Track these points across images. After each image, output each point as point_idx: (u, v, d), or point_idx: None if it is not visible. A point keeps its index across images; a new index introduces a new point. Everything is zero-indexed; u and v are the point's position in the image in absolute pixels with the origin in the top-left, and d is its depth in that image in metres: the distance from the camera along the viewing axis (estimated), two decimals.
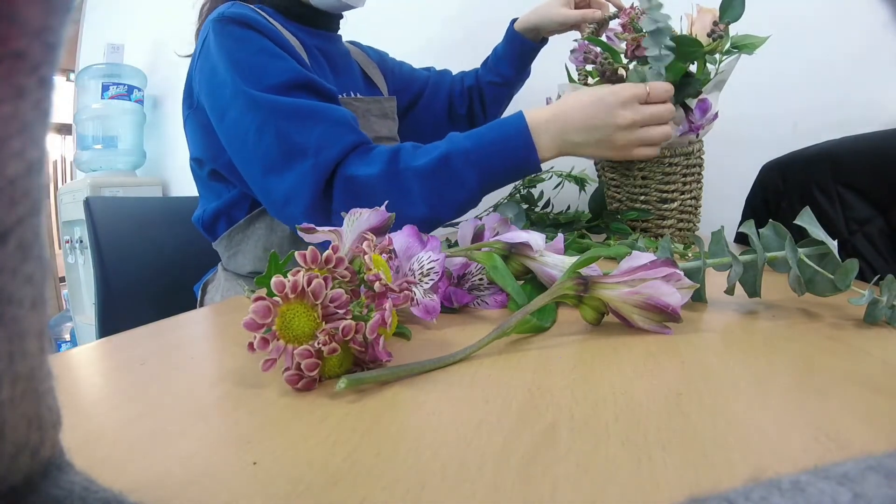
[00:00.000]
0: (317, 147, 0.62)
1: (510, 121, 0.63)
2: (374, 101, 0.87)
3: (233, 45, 0.67)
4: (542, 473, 0.17)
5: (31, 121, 0.10)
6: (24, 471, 0.12)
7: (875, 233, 0.71)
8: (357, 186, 0.62)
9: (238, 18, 0.68)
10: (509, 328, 0.30)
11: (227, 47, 0.67)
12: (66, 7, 0.10)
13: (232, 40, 0.67)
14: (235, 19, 0.68)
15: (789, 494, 0.10)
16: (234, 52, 0.66)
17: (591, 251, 0.34)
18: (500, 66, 1.03)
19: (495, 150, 0.61)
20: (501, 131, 0.62)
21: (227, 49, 0.67)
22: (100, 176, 1.67)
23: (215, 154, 0.76)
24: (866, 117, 0.94)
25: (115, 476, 0.17)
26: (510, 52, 1.01)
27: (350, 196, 0.62)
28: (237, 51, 0.66)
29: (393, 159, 0.62)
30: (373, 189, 0.61)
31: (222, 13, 0.69)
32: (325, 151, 0.62)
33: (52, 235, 2.29)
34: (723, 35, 0.71)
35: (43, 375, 0.12)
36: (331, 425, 0.21)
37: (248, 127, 0.64)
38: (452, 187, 0.61)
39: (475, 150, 0.61)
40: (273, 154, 0.63)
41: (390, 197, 0.60)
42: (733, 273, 0.38)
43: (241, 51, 0.66)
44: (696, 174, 0.81)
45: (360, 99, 0.84)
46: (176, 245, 1.04)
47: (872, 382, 0.24)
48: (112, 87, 1.68)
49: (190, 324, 0.39)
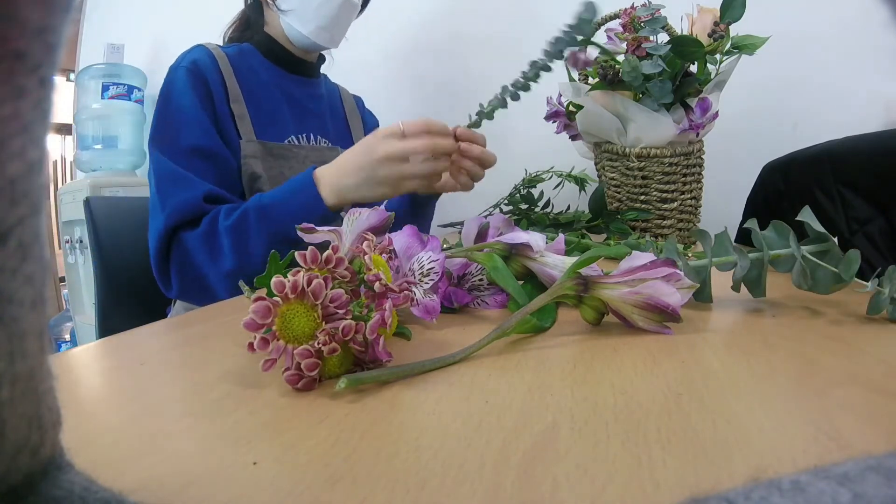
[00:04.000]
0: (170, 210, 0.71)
1: (300, 177, 0.70)
2: (314, 149, 0.92)
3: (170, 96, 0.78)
4: (542, 473, 0.17)
5: (31, 121, 0.10)
6: (24, 471, 0.12)
7: (876, 232, 0.71)
8: (184, 245, 0.71)
9: (188, 65, 0.80)
10: (509, 328, 0.30)
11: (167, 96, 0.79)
12: (66, 7, 0.10)
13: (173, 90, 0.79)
14: (187, 68, 0.79)
15: (789, 494, 0.10)
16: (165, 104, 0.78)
17: (591, 251, 0.34)
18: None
19: (285, 204, 0.69)
20: (291, 187, 0.70)
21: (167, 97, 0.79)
22: (100, 176, 1.67)
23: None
24: (866, 117, 0.94)
25: (115, 476, 0.17)
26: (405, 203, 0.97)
27: (182, 253, 0.71)
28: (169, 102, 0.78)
29: (213, 220, 0.70)
30: (194, 246, 0.70)
31: (181, 60, 0.82)
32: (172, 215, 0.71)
33: (52, 235, 2.29)
34: (723, 35, 0.71)
35: (43, 375, 0.12)
36: (331, 425, 0.21)
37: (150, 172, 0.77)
38: (253, 240, 0.68)
39: (270, 205, 0.69)
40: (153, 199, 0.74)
41: (209, 254, 0.70)
42: (739, 269, 0.38)
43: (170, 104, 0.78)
44: (697, 174, 0.81)
45: (298, 146, 0.90)
46: None
47: (872, 382, 0.24)
48: (112, 87, 1.67)
49: (190, 324, 0.39)
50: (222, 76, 0.82)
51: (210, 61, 0.82)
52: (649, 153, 0.77)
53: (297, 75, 0.94)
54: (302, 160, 0.88)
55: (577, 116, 0.82)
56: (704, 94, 0.74)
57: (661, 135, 0.76)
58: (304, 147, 0.90)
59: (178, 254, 0.71)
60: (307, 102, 0.95)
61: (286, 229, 0.67)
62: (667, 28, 0.73)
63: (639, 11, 0.71)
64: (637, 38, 0.70)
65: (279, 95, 0.90)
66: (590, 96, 0.79)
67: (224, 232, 0.69)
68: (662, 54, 0.68)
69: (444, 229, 0.99)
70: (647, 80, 0.71)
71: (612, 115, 0.78)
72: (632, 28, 0.72)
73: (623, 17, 0.74)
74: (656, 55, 0.67)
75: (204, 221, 0.71)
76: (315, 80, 0.98)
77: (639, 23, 0.71)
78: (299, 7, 0.85)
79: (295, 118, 0.91)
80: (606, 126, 0.79)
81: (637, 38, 0.70)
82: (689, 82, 0.73)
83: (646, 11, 0.70)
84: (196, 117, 0.77)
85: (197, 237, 0.70)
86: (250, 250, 0.68)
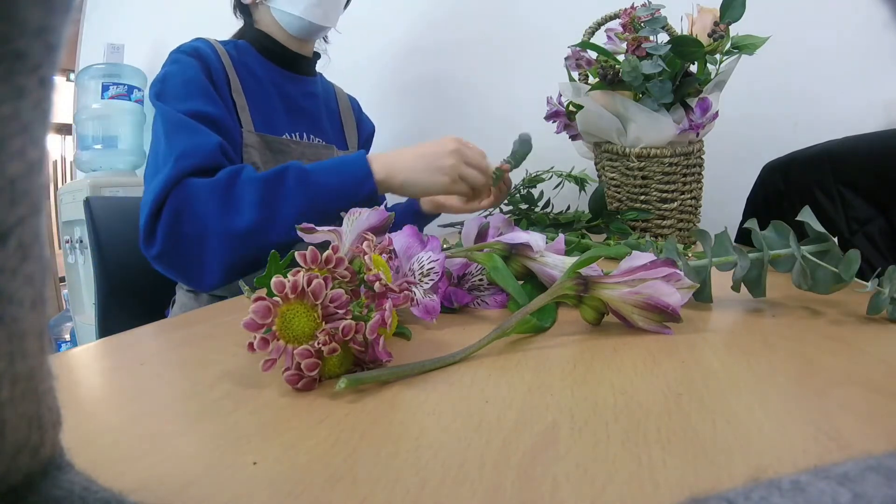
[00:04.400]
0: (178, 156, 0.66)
1: (350, 155, 0.71)
2: (311, 146, 0.91)
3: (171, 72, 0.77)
4: (542, 473, 0.17)
5: (32, 121, 0.10)
6: (24, 471, 0.12)
7: (876, 232, 0.71)
8: (189, 190, 0.64)
9: (189, 51, 0.79)
10: (509, 328, 0.30)
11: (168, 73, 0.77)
12: (66, 7, 0.10)
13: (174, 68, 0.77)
14: (187, 51, 0.79)
15: (789, 494, 0.10)
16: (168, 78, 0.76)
17: (591, 251, 0.34)
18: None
19: (331, 173, 0.68)
20: (339, 160, 0.70)
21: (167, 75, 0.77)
22: (100, 176, 1.67)
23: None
24: (866, 117, 0.94)
25: (115, 476, 0.17)
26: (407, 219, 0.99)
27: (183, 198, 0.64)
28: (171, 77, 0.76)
29: (234, 172, 0.66)
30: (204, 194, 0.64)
31: (180, 47, 0.81)
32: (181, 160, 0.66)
33: (52, 235, 2.29)
34: (723, 35, 0.71)
35: (43, 375, 0.12)
36: (331, 425, 0.21)
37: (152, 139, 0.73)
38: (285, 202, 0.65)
39: (314, 171, 0.67)
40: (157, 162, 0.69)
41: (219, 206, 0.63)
42: (739, 269, 0.38)
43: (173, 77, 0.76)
44: (697, 174, 0.81)
45: (297, 142, 0.90)
46: None
47: (872, 382, 0.24)
48: (112, 87, 1.67)
49: (190, 324, 0.39)
50: (224, 67, 0.82)
51: (212, 51, 0.82)
52: (649, 153, 0.77)
53: (292, 72, 0.94)
54: (298, 157, 0.88)
55: (577, 116, 0.82)
56: (704, 94, 0.74)
57: (661, 135, 0.76)
58: (301, 144, 0.90)
59: (177, 201, 0.64)
60: (302, 100, 0.94)
61: (326, 199, 0.66)
62: (667, 28, 0.73)
63: (639, 11, 0.72)
64: (637, 38, 0.70)
65: (274, 92, 0.89)
66: (590, 96, 0.79)
67: (249, 183, 0.64)
68: (662, 54, 0.68)
69: (444, 229, 0.99)
70: (647, 80, 0.71)
71: (612, 115, 0.78)
72: (632, 28, 0.72)
73: (623, 17, 0.74)
74: (656, 55, 0.67)
75: (222, 171, 0.66)
76: (310, 77, 0.98)
77: (639, 23, 0.71)
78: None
79: (289, 116, 0.91)
80: (606, 126, 0.79)
81: (637, 38, 0.70)
82: (689, 82, 0.73)
83: (646, 11, 0.70)
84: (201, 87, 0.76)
85: (209, 185, 0.64)
86: (278, 212, 0.64)
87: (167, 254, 0.65)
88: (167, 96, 0.74)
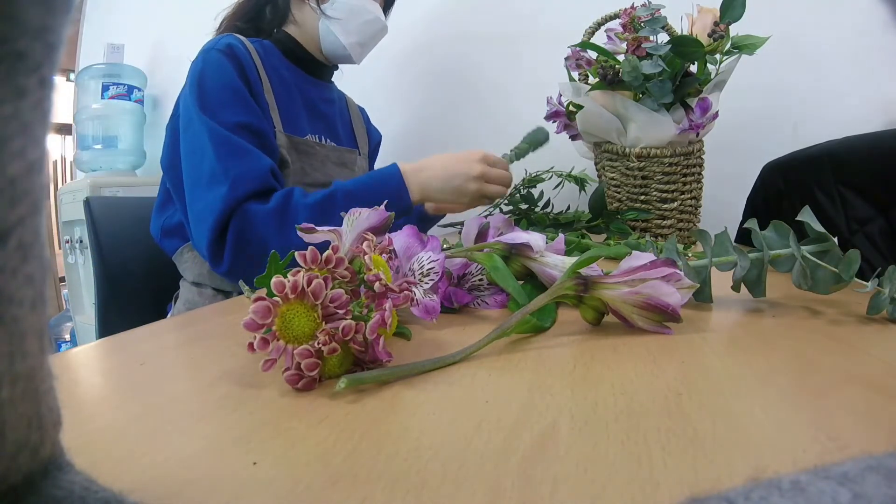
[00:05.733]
0: (234, 179, 0.70)
1: (386, 170, 0.77)
2: (335, 150, 0.95)
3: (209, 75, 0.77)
4: (542, 473, 0.17)
5: (32, 121, 0.10)
6: (24, 471, 0.12)
7: (876, 232, 0.71)
8: (250, 217, 0.69)
9: (223, 48, 0.79)
10: (509, 328, 0.30)
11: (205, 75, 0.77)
12: (66, 7, 0.10)
13: (211, 69, 0.77)
14: (222, 50, 0.78)
15: (789, 494, 0.10)
16: (206, 82, 0.76)
17: (591, 251, 0.34)
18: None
19: (374, 191, 0.73)
20: (380, 177, 0.76)
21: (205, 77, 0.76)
22: (100, 176, 1.67)
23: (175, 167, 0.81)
24: (866, 117, 0.94)
25: (115, 476, 0.17)
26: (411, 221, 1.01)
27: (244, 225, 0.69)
28: (210, 80, 0.76)
29: (286, 196, 0.71)
30: (263, 220, 0.70)
31: (214, 44, 0.80)
32: (239, 186, 0.70)
33: (52, 235, 2.29)
34: (723, 35, 0.71)
35: (43, 375, 0.12)
36: (331, 425, 0.21)
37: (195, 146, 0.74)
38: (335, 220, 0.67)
39: (356, 190, 0.73)
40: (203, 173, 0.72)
41: (279, 228, 0.69)
42: (739, 269, 0.38)
43: (212, 81, 0.76)
44: (696, 174, 0.81)
45: (322, 144, 0.92)
46: None
47: (872, 382, 0.24)
48: (112, 87, 1.67)
49: (190, 324, 0.39)
50: (256, 67, 0.83)
51: (244, 49, 0.82)
52: (649, 153, 0.77)
53: (314, 77, 0.97)
54: (322, 159, 0.90)
55: (577, 116, 0.82)
56: (704, 94, 0.74)
57: (661, 135, 0.76)
58: (326, 147, 0.93)
59: (240, 226, 0.69)
60: (321, 105, 0.97)
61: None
62: (667, 28, 0.73)
63: (639, 11, 0.72)
64: (637, 38, 0.70)
65: (297, 95, 0.92)
66: (590, 96, 0.79)
67: (302, 208, 0.70)
68: (662, 54, 0.68)
69: (444, 229, 0.99)
70: (647, 80, 0.71)
71: (612, 115, 0.78)
72: (632, 28, 0.72)
73: (623, 17, 0.74)
74: (656, 55, 0.67)
75: (276, 196, 0.71)
76: (328, 84, 1.02)
77: (639, 23, 0.71)
78: (347, 18, 0.89)
79: (310, 118, 0.94)
80: (606, 126, 0.79)
81: (637, 38, 0.70)
82: (689, 82, 0.73)
83: (646, 11, 0.70)
84: (240, 94, 0.77)
85: (268, 211, 0.69)
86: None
87: (235, 272, 0.71)
88: (208, 105, 0.74)
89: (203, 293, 0.84)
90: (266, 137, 0.78)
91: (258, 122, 0.77)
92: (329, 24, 0.89)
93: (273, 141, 0.81)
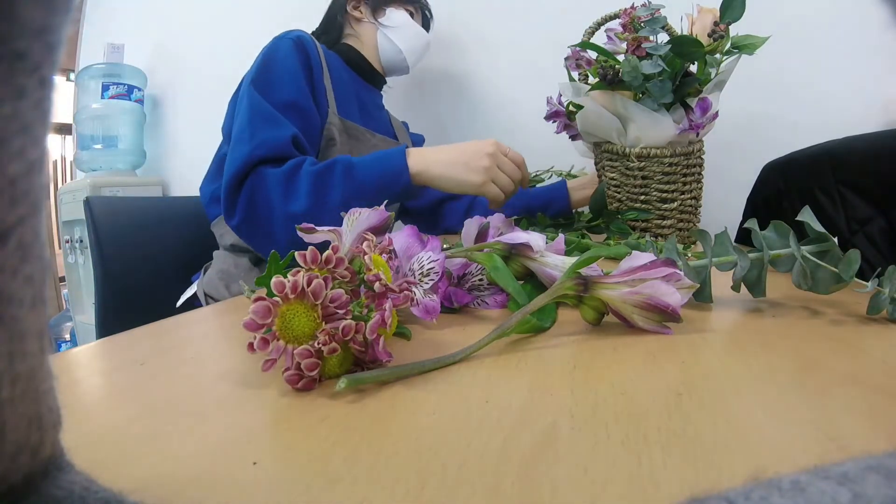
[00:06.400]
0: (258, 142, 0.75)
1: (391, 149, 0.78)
2: (384, 140, 1.01)
3: (273, 57, 0.84)
4: (542, 473, 0.17)
5: (32, 121, 0.10)
6: (24, 471, 0.12)
7: (876, 232, 0.71)
8: (262, 177, 0.74)
9: (295, 39, 0.86)
10: (509, 328, 0.30)
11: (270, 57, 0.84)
12: (67, 7, 0.10)
13: (277, 53, 0.84)
14: (293, 39, 0.86)
15: (789, 494, 0.10)
16: (269, 63, 0.83)
17: (591, 251, 0.34)
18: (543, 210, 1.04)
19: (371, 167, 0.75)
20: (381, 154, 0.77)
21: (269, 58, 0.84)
22: (100, 176, 1.67)
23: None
24: (866, 117, 0.94)
25: (115, 476, 0.17)
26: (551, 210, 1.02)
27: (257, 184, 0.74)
28: (272, 62, 0.83)
29: (298, 164, 0.75)
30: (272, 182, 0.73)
31: (287, 34, 0.88)
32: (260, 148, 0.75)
33: (52, 235, 2.29)
34: (723, 35, 0.71)
35: (43, 375, 0.12)
36: (331, 425, 0.21)
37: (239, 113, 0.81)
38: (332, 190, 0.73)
39: (357, 164, 0.75)
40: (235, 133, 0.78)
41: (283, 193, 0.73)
42: (739, 269, 0.38)
43: (275, 62, 0.83)
44: (697, 174, 0.81)
45: (373, 133, 0.99)
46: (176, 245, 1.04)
47: (872, 382, 0.24)
48: (112, 87, 1.67)
49: (190, 324, 0.39)
50: (320, 57, 0.90)
51: (311, 42, 0.89)
52: (649, 153, 0.77)
53: (370, 84, 1.06)
54: (370, 147, 0.94)
55: (577, 116, 0.82)
56: (704, 94, 0.74)
57: (661, 135, 0.76)
58: (375, 136, 0.98)
59: (252, 184, 0.74)
60: (373, 109, 1.05)
61: (367, 190, 0.74)
62: (667, 28, 0.73)
63: (639, 11, 0.71)
64: (637, 38, 0.70)
65: (353, 95, 0.99)
66: (590, 96, 0.79)
67: (306, 175, 0.73)
68: (662, 54, 0.68)
69: None
70: (647, 80, 0.71)
71: (612, 115, 0.78)
72: (632, 28, 0.72)
73: (623, 17, 0.74)
74: (656, 55, 0.67)
75: (289, 162, 0.74)
76: (380, 93, 1.12)
77: (639, 23, 0.71)
78: (401, 27, 1.01)
79: (361, 114, 1.00)
80: (606, 126, 0.79)
81: (637, 38, 0.70)
82: (689, 82, 0.73)
83: (646, 11, 0.70)
84: (296, 78, 0.83)
85: (278, 174, 0.73)
86: (326, 199, 0.73)
87: (244, 224, 0.75)
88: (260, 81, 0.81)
89: (239, 263, 0.87)
90: (310, 117, 0.83)
91: (304, 101, 0.83)
92: (387, 33, 1.01)
93: (317, 121, 0.86)
